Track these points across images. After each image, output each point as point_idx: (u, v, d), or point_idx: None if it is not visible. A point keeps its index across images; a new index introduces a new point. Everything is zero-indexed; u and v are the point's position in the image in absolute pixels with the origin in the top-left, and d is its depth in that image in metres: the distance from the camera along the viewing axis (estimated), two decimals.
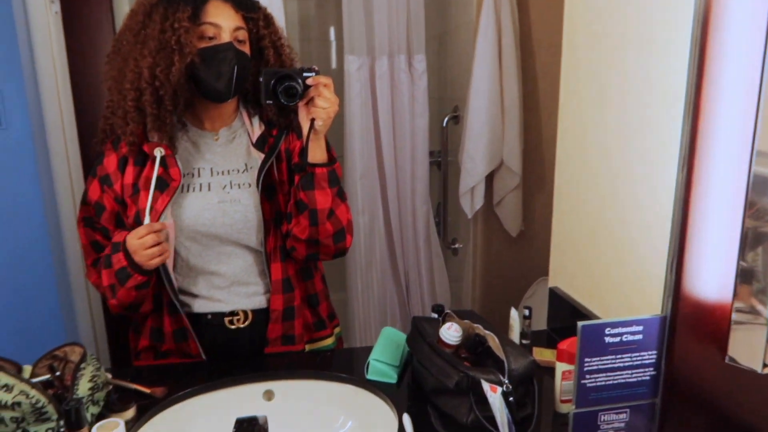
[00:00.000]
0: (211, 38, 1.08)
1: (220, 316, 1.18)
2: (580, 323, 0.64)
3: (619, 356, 0.66)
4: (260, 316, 1.19)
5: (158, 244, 1.05)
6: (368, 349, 1.16)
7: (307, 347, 1.26)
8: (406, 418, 0.94)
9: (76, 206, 1.95)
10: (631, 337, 0.65)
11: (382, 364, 1.09)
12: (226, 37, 1.08)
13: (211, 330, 1.18)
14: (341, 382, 1.10)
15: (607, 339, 0.65)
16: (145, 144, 1.12)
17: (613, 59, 1.04)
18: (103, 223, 1.14)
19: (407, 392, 1.07)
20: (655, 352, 0.66)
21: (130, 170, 1.13)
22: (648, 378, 0.67)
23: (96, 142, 1.18)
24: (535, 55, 1.98)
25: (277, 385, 1.09)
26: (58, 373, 0.97)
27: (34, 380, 0.91)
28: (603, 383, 0.66)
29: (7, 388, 0.86)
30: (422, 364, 1.03)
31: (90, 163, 1.29)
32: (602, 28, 1.07)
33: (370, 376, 1.09)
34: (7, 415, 0.86)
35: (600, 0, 1.08)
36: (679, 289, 0.65)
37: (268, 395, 1.09)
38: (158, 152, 1.11)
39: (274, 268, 1.17)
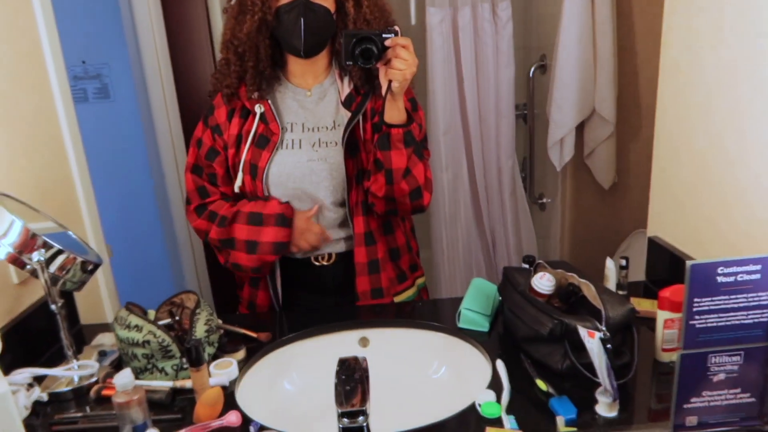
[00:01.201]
0: None
1: (307, 257, 1.26)
2: (689, 262, 0.62)
3: (733, 296, 0.63)
4: (343, 255, 1.26)
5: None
6: (457, 300, 1.18)
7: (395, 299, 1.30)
8: (500, 364, 0.96)
9: (179, 169, 2.10)
10: (747, 277, 0.62)
11: (473, 313, 1.11)
12: None
13: (298, 266, 1.27)
14: (434, 330, 1.13)
15: (720, 279, 0.62)
16: (246, 100, 1.20)
17: None
18: (215, 166, 1.24)
19: (498, 341, 1.09)
20: None
21: (235, 121, 1.22)
22: (765, 320, 0.64)
23: (209, 94, 1.28)
24: None
25: (371, 333, 1.15)
26: (177, 318, 1.08)
27: (159, 323, 1.01)
28: (714, 324, 0.63)
29: (138, 328, 0.96)
30: (514, 313, 1.04)
31: (189, 126, 1.40)
32: None
33: (461, 325, 1.11)
34: (139, 351, 0.96)
35: None
36: None
37: (364, 342, 1.15)
38: (258, 108, 1.20)
39: (357, 221, 1.22)
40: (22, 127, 1.18)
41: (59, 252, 0.95)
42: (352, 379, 0.76)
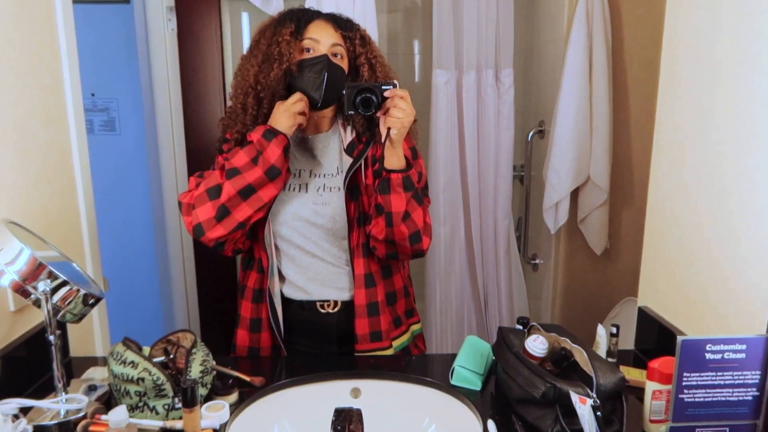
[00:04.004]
0: (309, 51, 1.21)
1: (313, 302, 1.29)
2: (680, 337, 0.64)
3: (719, 374, 0.65)
4: (348, 304, 1.29)
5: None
6: (450, 356, 1.19)
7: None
8: (491, 424, 0.96)
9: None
10: (733, 356, 0.65)
11: (466, 371, 1.12)
12: (322, 51, 1.21)
13: (303, 312, 1.29)
14: (426, 385, 1.13)
15: (708, 355, 0.65)
16: None
17: (717, 76, 1.02)
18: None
19: (490, 400, 1.09)
20: (758, 372, 0.64)
21: None
22: (750, 398, 0.66)
23: (218, 140, 1.31)
24: (626, 71, 1.94)
25: (364, 384, 1.15)
26: (171, 356, 1.08)
27: (154, 360, 1.01)
28: (702, 399, 0.66)
29: (134, 364, 0.96)
30: (507, 373, 1.05)
31: (195, 167, 1.43)
32: (705, 44, 1.06)
33: (454, 382, 1.12)
34: (132, 388, 0.96)
35: (702, 16, 1.07)
36: None
37: (355, 393, 1.15)
38: None
39: (357, 263, 1.26)
40: (36, 158, 1.21)
41: (64, 283, 0.96)
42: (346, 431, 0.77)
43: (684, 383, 0.65)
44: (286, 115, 1.18)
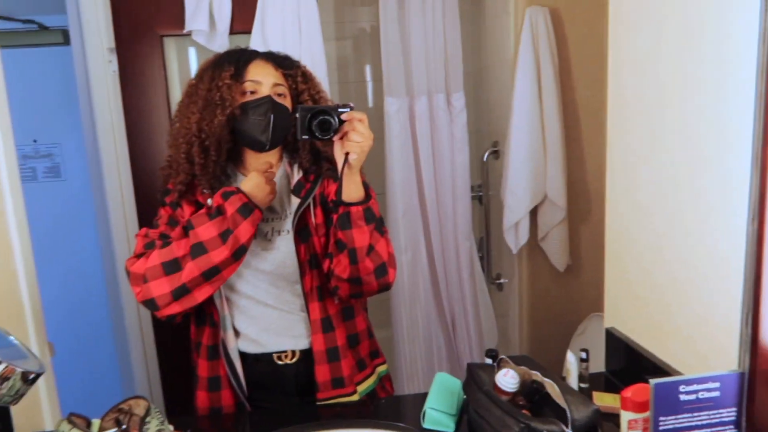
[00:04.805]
0: (252, 93, 1.16)
1: (269, 354, 1.23)
2: (652, 381, 0.63)
3: (696, 414, 0.64)
4: (307, 353, 1.23)
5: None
6: (422, 397, 1.15)
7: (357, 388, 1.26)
8: None
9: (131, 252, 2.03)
10: (707, 395, 0.63)
11: (438, 413, 1.08)
12: (265, 92, 1.16)
13: (258, 365, 1.23)
14: (398, 431, 1.09)
15: (682, 397, 0.63)
16: (199, 194, 1.18)
17: (664, 99, 1.03)
18: (171, 235, 1.14)
19: None
20: (734, 409, 0.63)
21: (188, 209, 1.18)
22: None
23: (161, 192, 1.23)
24: (575, 89, 1.98)
25: None
26: (124, 427, 1.00)
27: None
28: None
29: None
30: (479, 414, 1.02)
31: (144, 210, 1.35)
32: (650, 67, 1.07)
33: (426, 425, 1.08)
34: None
35: (644, 40, 1.08)
36: (757, 344, 0.63)
37: None
38: (210, 202, 1.16)
39: (312, 307, 1.20)
40: None
41: None
42: None
43: (661, 428, 0.63)
44: (263, 185, 1.12)
